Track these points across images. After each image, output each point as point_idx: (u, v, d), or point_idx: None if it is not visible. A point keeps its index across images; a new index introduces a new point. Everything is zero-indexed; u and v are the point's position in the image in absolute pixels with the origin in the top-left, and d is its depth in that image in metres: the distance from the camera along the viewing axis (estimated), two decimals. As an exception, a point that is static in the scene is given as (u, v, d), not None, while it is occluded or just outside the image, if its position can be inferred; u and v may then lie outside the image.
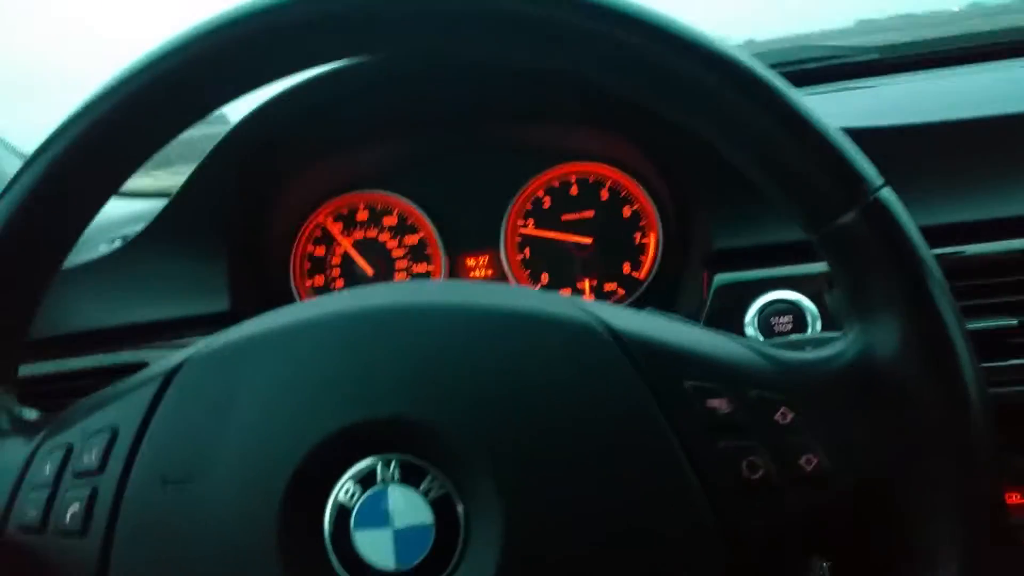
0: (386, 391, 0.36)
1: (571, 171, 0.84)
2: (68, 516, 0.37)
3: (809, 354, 0.39)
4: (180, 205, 0.76)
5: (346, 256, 0.86)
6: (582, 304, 0.39)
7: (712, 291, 0.68)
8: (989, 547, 0.36)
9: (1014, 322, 0.61)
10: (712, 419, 0.36)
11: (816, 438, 0.36)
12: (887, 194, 0.36)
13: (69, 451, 0.38)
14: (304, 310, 0.40)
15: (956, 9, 1.07)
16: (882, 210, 0.36)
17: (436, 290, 0.40)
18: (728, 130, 0.37)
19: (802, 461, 0.36)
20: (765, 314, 0.66)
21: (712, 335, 0.39)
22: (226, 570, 0.35)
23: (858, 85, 0.88)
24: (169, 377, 0.38)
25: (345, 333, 0.38)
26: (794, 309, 0.65)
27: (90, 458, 0.37)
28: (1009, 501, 0.60)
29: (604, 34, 0.36)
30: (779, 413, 0.36)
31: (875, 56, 0.93)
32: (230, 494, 0.36)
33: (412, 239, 0.85)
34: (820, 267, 0.65)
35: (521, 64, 0.38)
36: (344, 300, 0.40)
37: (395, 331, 0.38)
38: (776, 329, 0.66)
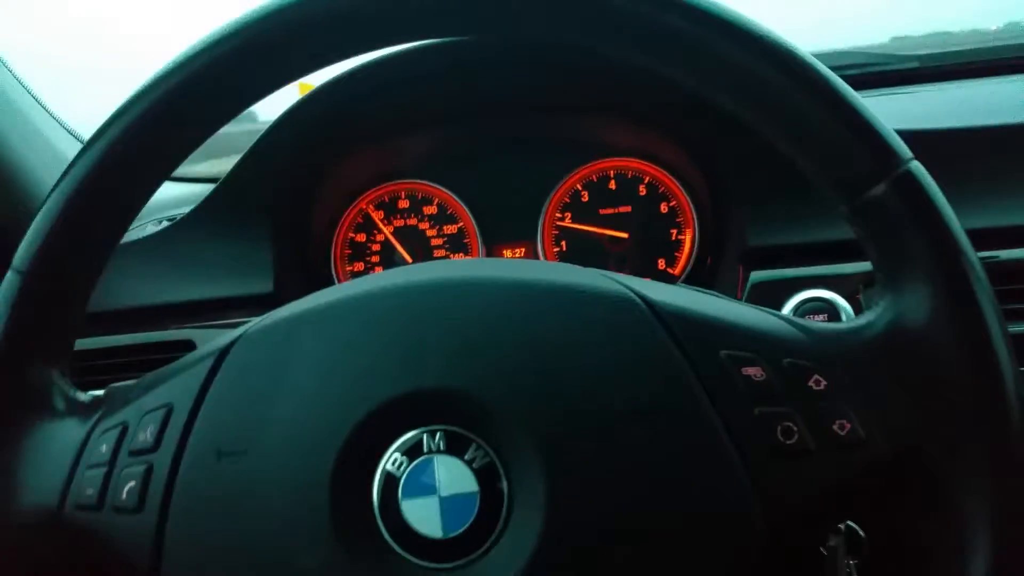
0: (431, 363, 0.37)
1: (610, 166, 0.85)
2: (124, 493, 0.38)
3: (841, 325, 0.39)
4: (229, 188, 0.78)
5: (386, 243, 0.87)
6: (618, 278, 0.40)
7: (748, 288, 0.69)
8: (1021, 519, 0.36)
9: None
10: (747, 387, 0.37)
11: (849, 404, 0.37)
12: (916, 167, 0.37)
13: (124, 430, 0.39)
14: (352, 287, 0.41)
15: (994, 28, 1.07)
16: (912, 182, 0.36)
17: (478, 266, 0.41)
18: (762, 103, 0.38)
19: (835, 427, 0.36)
20: (800, 312, 0.66)
21: (746, 307, 0.40)
22: (279, 540, 0.36)
23: (897, 92, 0.88)
24: (223, 355, 0.40)
25: (391, 307, 0.39)
26: (829, 308, 0.66)
27: (145, 436, 0.39)
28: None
29: (642, 13, 0.37)
30: (812, 380, 0.37)
31: (915, 65, 0.93)
32: (282, 465, 0.37)
33: (451, 229, 0.87)
34: (855, 267, 0.66)
35: (554, 42, 0.39)
36: (389, 277, 0.41)
37: (439, 305, 0.39)
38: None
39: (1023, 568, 0.36)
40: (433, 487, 0.36)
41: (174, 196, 0.90)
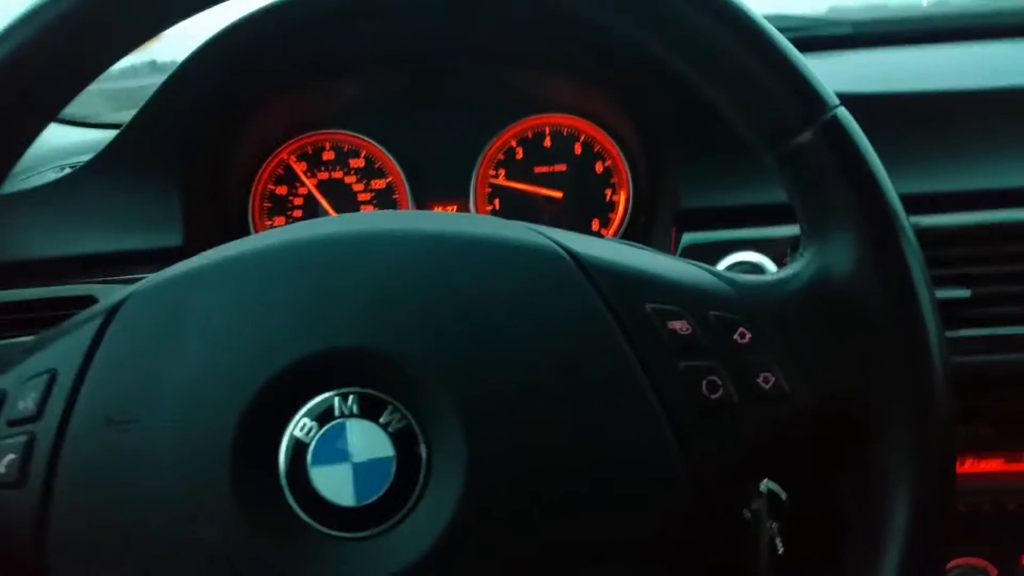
0: (342, 321, 0.35)
1: (545, 123, 0.83)
2: (3, 466, 0.35)
3: (767, 277, 0.39)
4: (133, 134, 0.72)
5: (309, 197, 0.83)
6: (543, 230, 0.38)
7: (680, 250, 0.69)
8: (944, 467, 0.36)
9: (967, 293, 0.62)
10: (673, 340, 0.36)
11: (774, 357, 0.36)
12: (843, 114, 0.36)
13: (3, 398, 0.36)
14: (256, 240, 0.38)
15: (924, 4, 1.09)
16: (838, 129, 0.36)
17: (396, 218, 0.39)
18: (691, 47, 0.37)
19: (760, 380, 0.36)
20: (731, 273, 0.66)
21: (673, 260, 0.39)
22: (177, 512, 0.34)
23: (829, 55, 0.88)
24: (111, 314, 0.36)
25: (299, 261, 0.37)
26: (757, 271, 0.66)
27: (26, 404, 0.35)
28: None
29: None
30: (737, 333, 0.37)
31: (848, 30, 0.93)
32: (179, 432, 0.34)
33: (379, 183, 0.84)
34: (785, 230, 0.66)
35: None
36: (298, 230, 0.38)
37: (350, 259, 0.37)
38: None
39: (944, 522, 0.36)
40: (345, 453, 0.34)
41: (77, 142, 0.84)
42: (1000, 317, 0.62)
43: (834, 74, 0.84)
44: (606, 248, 0.39)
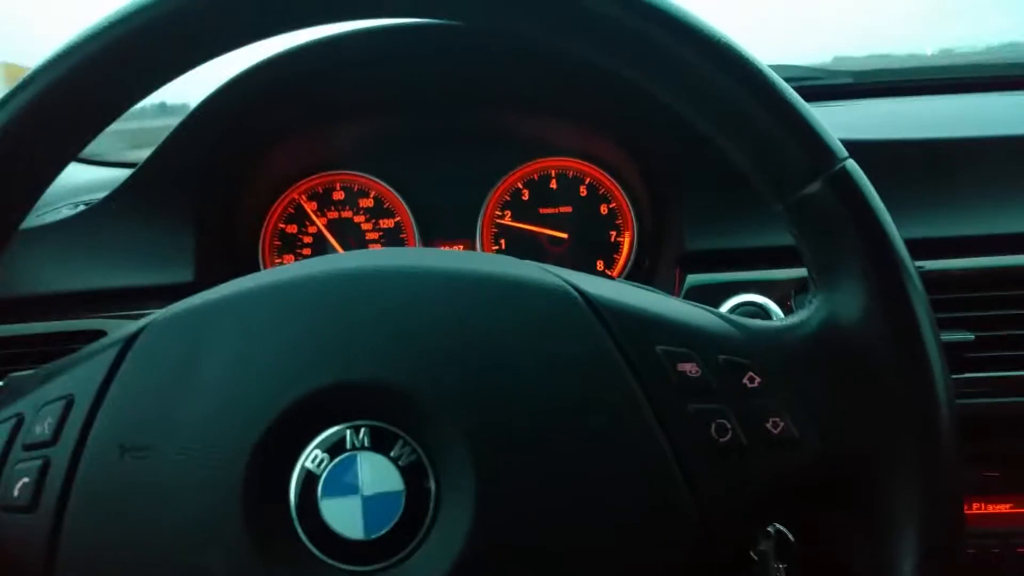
0: (356, 355, 0.35)
1: (551, 166, 0.84)
2: (16, 490, 0.35)
3: (776, 323, 0.39)
4: (149, 172, 0.74)
5: (319, 236, 0.85)
6: (555, 270, 0.39)
7: (684, 291, 0.69)
8: (951, 514, 0.36)
9: (971, 336, 0.62)
10: (682, 383, 0.36)
11: (783, 402, 0.36)
12: (852, 165, 0.37)
13: (20, 422, 0.36)
14: (273, 274, 0.39)
15: (929, 53, 1.11)
16: (847, 180, 0.37)
17: (409, 255, 0.40)
18: (702, 97, 0.38)
19: (769, 424, 0.36)
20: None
21: (682, 303, 0.40)
22: (188, 543, 0.34)
23: (830, 105, 0.90)
24: (129, 342, 0.37)
25: (315, 296, 0.37)
26: (761, 312, 0.66)
27: (42, 429, 0.36)
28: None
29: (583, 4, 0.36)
30: (747, 377, 0.37)
31: (848, 80, 0.95)
32: (192, 462, 0.34)
33: (388, 223, 0.85)
34: (788, 273, 0.67)
35: (486, 28, 0.38)
36: (315, 264, 0.39)
37: (366, 294, 0.37)
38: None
39: (951, 567, 0.36)
40: (355, 486, 0.34)
41: (92, 180, 0.85)
42: (1004, 360, 0.62)
43: (836, 123, 0.86)
44: (617, 289, 0.39)
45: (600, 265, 0.84)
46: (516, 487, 0.34)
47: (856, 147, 0.39)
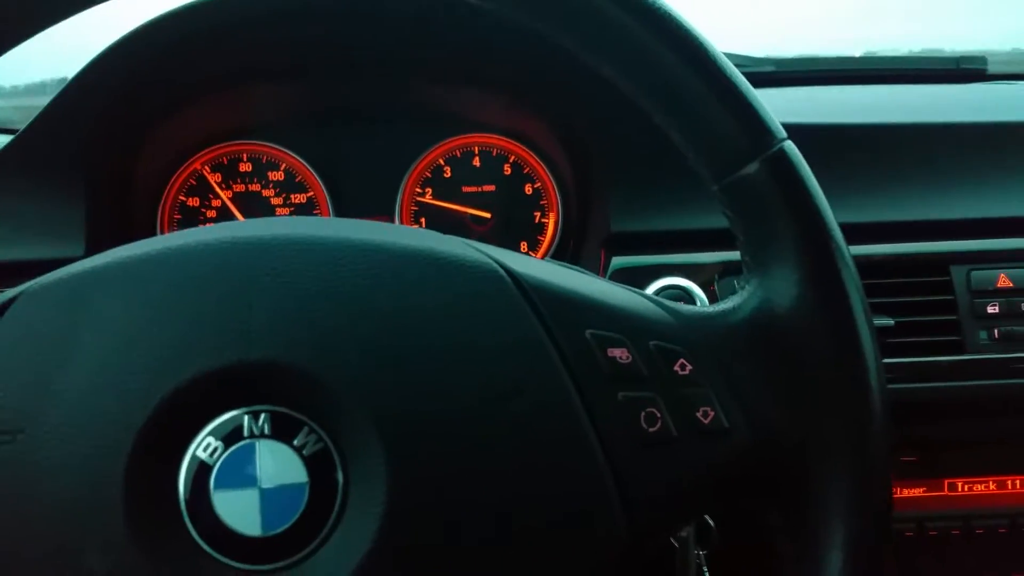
0: (256, 332, 0.32)
1: (474, 142, 0.81)
2: None
3: (709, 308, 0.38)
4: (35, 136, 0.68)
5: (223, 209, 0.80)
6: (481, 247, 0.36)
7: (608, 273, 0.68)
8: (880, 505, 0.36)
9: (891, 322, 0.63)
10: (612, 369, 0.34)
11: (714, 391, 0.35)
12: (790, 147, 0.36)
13: None
14: (166, 240, 0.35)
15: (857, 55, 1.14)
16: (784, 162, 0.36)
17: (321, 224, 0.37)
18: (639, 71, 0.36)
19: (699, 414, 0.35)
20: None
21: (614, 286, 0.38)
22: (62, 537, 0.30)
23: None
24: None
25: (213, 265, 0.33)
26: (685, 295, 0.66)
27: None
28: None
29: None
30: (678, 364, 0.35)
31: (772, 68, 0.96)
32: (68, 448, 0.31)
33: (299, 197, 0.80)
34: (712, 256, 0.66)
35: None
36: (213, 231, 0.35)
37: (270, 265, 0.33)
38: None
39: (879, 557, 0.36)
40: (253, 477, 0.31)
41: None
42: (922, 346, 0.63)
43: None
44: (546, 269, 0.37)
45: (524, 247, 0.82)
46: (431, 479, 0.32)
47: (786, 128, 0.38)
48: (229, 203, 0.79)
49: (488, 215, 0.82)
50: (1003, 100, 0.86)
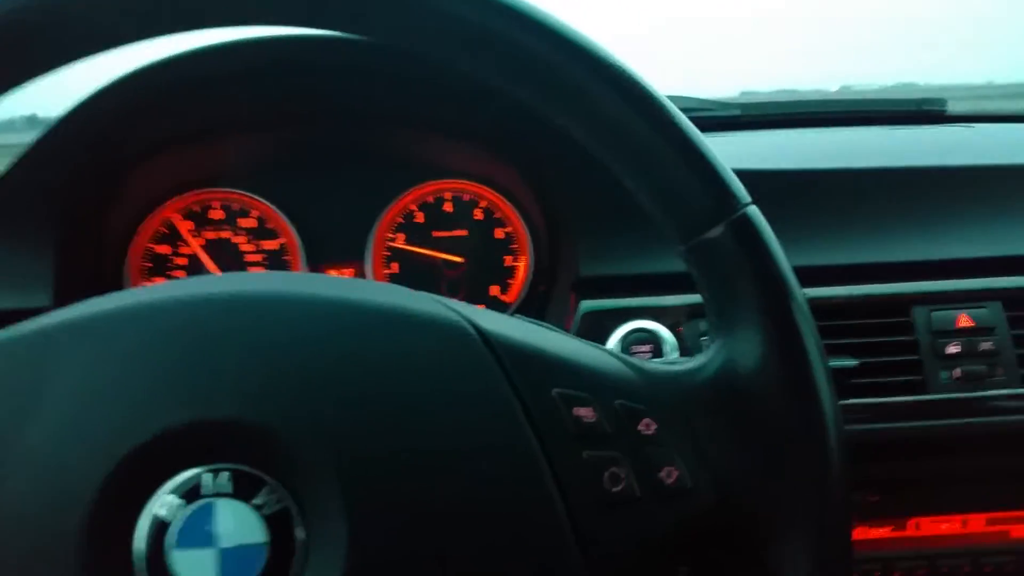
0: (220, 389, 0.32)
1: (446, 188, 0.82)
2: None
3: (674, 366, 0.38)
4: (4, 185, 0.67)
5: (194, 258, 0.79)
6: (449, 303, 0.37)
7: (578, 317, 0.68)
8: (840, 567, 0.36)
9: (854, 363, 0.64)
10: (577, 428, 0.35)
11: (677, 451, 0.36)
12: (754, 212, 0.37)
13: None
14: (134, 295, 0.35)
15: (833, 89, 1.17)
16: (749, 226, 0.36)
17: (290, 280, 0.37)
18: (607, 135, 0.37)
19: (662, 474, 0.35)
20: (628, 341, 0.66)
21: (580, 344, 0.38)
22: None
23: (720, 136, 0.92)
24: None
25: (179, 322, 0.34)
26: (653, 339, 0.66)
27: None
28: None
29: (497, 31, 0.35)
30: (643, 423, 0.36)
31: (737, 112, 0.98)
32: (24, 502, 0.31)
33: (271, 244, 0.80)
34: (680, 299, 0.67)
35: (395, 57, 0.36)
36: (181, 286, 0.35)
37: (237, 322, 0.34)
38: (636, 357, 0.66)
39: None
40: (212, 536, 0.31)
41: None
42: (884, 386, 0.64)
43: (723, 153, 0.88)
44: (515, 327, 0.37)
45: (495, 290, 0.82)
46: (393, 539, 0.32)
47: (745, 175, 0.39)
48: (200, 251, 0.79)
49: (460, 259, 0.82)
50: (961, 143, 0.88)
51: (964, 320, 0.65)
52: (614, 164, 0.37)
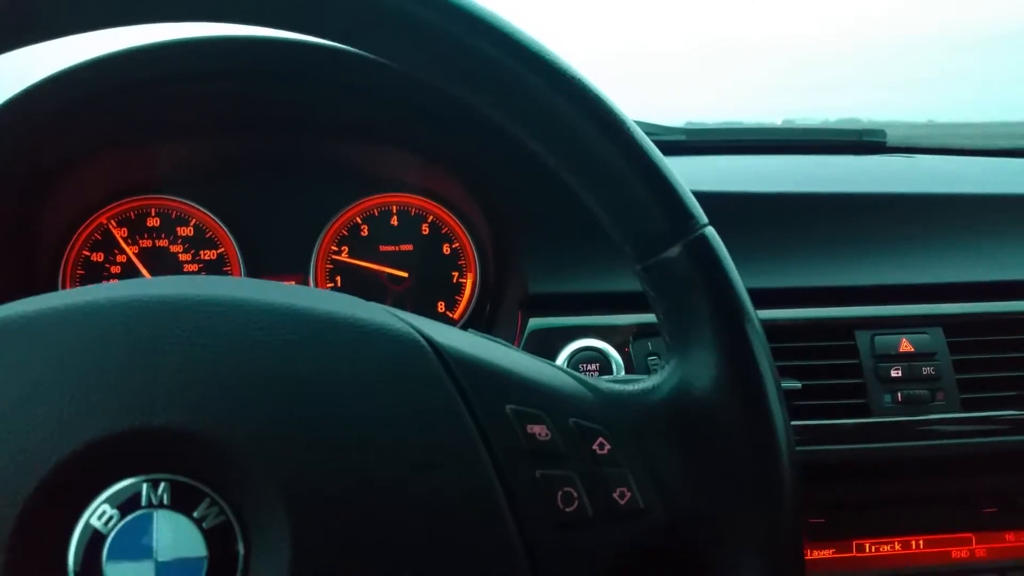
0: (160, 396, 0.30)
1: (393, 201, 0.81)
2: None
3: (628, 386, 0.38)
4: None
5: (128, 265, 0.76)
6: (402, 315, 0.36)
7: (525, 335, 0.68)
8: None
9: (798, 385, 0.64)
10: (531, 445, 0.34)
11: (630, 471, 0.35)
12: (711, 232, 0.37)
13: None
14: (68, 296, 0.33)
15: (776, 123, 1.21)
16: (705, 247, 0.37)
17: (236, 285, 0.35)
18: (568, 152, 0.37)
19: (615, 494, 0.35)
20: (575, 360, 0.66)
21: (535, 361, 0.38)
22: None
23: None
24: None
25: (119, 324, 0.32)
26: (601, 357, 0.66)
27: None
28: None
29: (462, 41, 0.35)
30: (597, 443, 0.35)
31: (682, 137, 0.99)
32: None
33: (210, 254, 0.78)
34: (627, 319, 0.67)
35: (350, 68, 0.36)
36: (120, 288, 0.34)
37: (179, 326, 0.32)
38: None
39: None
40: (149, 549, 0.29)
41: None
42: (827, 409, 0.65)
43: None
44: (469, 341, 0.36)
45: (441, 306, 0.81)
46: (336, 555, 0.30)
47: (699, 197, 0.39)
48: (135, 259, 0.76)
49: (405, 274, 0.81)
50: (901, 172, 0.91)
51: (905, 345, 0.66)
52: (573, 180, 0.37)
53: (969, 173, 0.89)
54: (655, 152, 0.37)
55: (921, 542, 0.69)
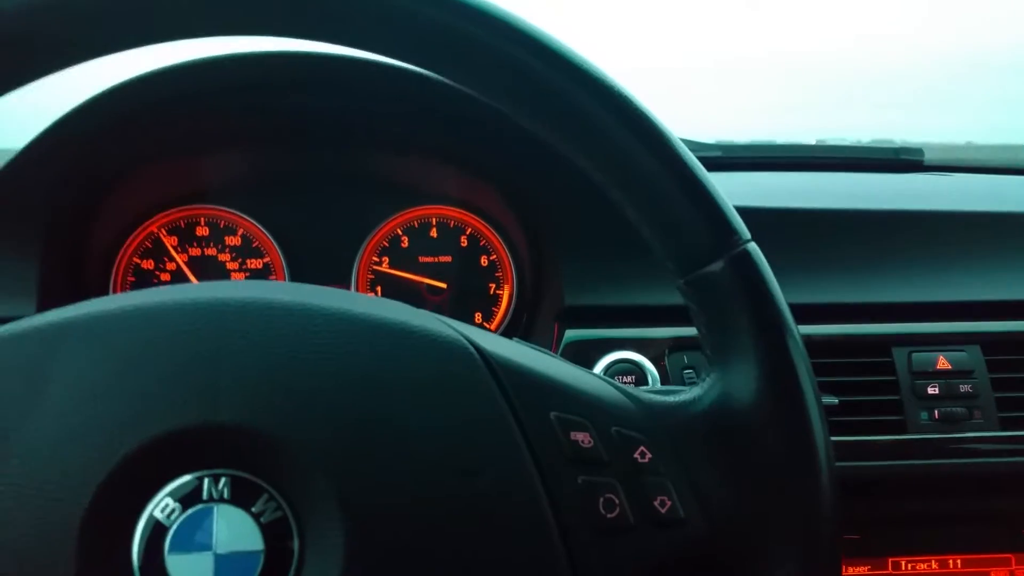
0: (225, 395, 0.32)
1: (432, 213, 0.82)
2: None
3: (670, 397, 0.39)
4: None
5: (178, 273, 0.79)
6: (452, 323, 0.37)
7: (561, 346, 0.68)
8: None
9: (836, 401, 0.64)
10: (574, 452, 0.35)
11: (671, 480, 0.36)
12: (753, 248, 0.37)
13: None
14: (137, 297, 0.35)
15: (810, 143, 1.20)
16: (748, 262, 0.37)
17: (296, 290, 0.37)
18: (612, 165, 0.37)
19: (656, 503, 0.35)
20: (611, 371, 0.66)
21: (579, 371, 0.39)
22: None
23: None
24: None
25: (184, 325, 0.33)
26: (637, 370, 0.67)
27: None
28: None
29: (506, 55, 0.36)
30: (639, 452, 0.36)
31: (718, 153, 0.99)
32: (21, 500, 0.30)
33: (256, 263, 0.80)
34: (664, 332, 0.67)
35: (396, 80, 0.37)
36: (187, 290, 0.35)
37: (243, 328, 0.33)
38: (624, 387, 0.66)
39: None
40: (209, 542, 0.30)
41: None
42: (864, 425, 0.64)
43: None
44: (515, 350, 0.37)
45: (478, 317, 0.82)
46: (387, 553, 0.31)
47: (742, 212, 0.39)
48: (184, 267, 0.79)
49: (444, 285, 0.82)
50: (940, 191, 0.90)
51: (943, 362, 0.66)
52: (617, 195, 0.38)
53: (1009, 192, 0.89)
54: (700, 168, 0.37)
55: (959, 561, 0.68)
